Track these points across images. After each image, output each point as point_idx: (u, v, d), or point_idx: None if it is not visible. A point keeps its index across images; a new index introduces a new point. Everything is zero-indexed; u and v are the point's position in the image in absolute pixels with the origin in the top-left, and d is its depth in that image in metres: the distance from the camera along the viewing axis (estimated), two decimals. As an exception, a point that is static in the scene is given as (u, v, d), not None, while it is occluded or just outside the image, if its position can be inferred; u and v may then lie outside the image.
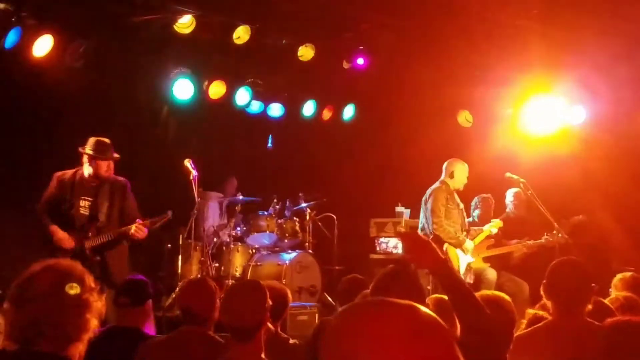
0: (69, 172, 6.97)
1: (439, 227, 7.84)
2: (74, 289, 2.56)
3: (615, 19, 8.55)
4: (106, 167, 6.91)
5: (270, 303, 3.69)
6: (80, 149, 6.89)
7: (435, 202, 7.92)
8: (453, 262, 7.76)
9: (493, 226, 8.27)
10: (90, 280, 2.67)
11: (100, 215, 6.89)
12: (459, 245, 7.90)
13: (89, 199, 6.91)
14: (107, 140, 6.94)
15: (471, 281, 8.06)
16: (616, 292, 5.09)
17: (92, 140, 6.89)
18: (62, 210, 6.84)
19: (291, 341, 4.59)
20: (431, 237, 7.45)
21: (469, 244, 7.99)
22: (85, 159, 6.88)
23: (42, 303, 2.54)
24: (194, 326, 4.17)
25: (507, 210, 8.86)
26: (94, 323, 2.64)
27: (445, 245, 7.80)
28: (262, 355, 3.54)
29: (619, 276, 5.47)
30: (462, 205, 8.19)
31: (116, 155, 6.97)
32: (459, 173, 8.10)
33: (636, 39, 8.74)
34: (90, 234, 6.83)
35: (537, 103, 10.12)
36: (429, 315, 1.41)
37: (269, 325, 4.45)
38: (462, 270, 7.85)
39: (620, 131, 9.99)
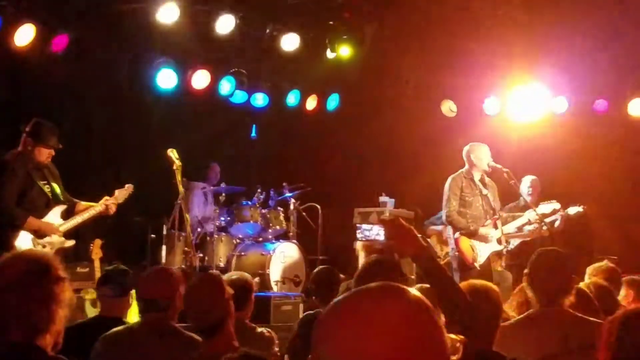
0: (13, 156, 6.52)
1: (450, 217, 7.71)
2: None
3: (594, 7, 8.61)
4: (47, 155, 6.57)
5: (231, 292, 3.73)
6: (23, 130, 6.51)
7: (447, 192, 7.76)
8: (466, 253, 7.59)
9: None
10: (58, 271, 2.62)
11: (61, 198, 6.70)
12: (472, 235, 7.68)
13: (45, 182, 6.62)
14: (51, 125, 6.57)
15: (499, 268, 7.89)
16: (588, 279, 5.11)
17: (35, 123, 6.50)
18: (27, 197, 6.47)
19: (258, 330, 4.59)
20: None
21: (487, 231, 7.66)
22: (25, 142, 6.51)
23: (7, 294, 2.52)
24: (157, 314, 4.03)
25: (523, 198, 8.63)
26: (61, 314, 2.60)
27: (457, 235, 7.65)
28: (235, 343, 3.57)
29: (594, 265, 5.50)
30: (487, 191, 7.74)
31: (57, 144, 6.57)
32: (476, 156, 7.81)
33: (615, 26, 8.79)
34: (60, 218, 6.68)
35: (521, 92, 10.15)
36: (419, 299, 1.40)
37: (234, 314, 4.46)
38: (481, 260, 7.65)
39: (601, 120, 10.06)
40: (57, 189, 6.70)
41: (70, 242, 6.73)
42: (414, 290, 1.42)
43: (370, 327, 1.34)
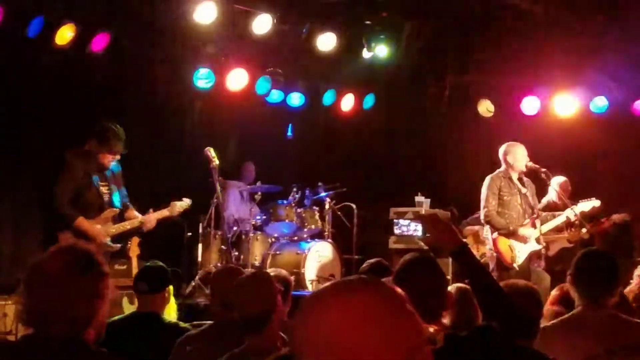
0: (79, 153, 6.66)
1: (488, 217, 7.64)
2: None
3: (635, 6, 8.49)
4: (111, 159, 6.68)
5: (281, 289, 3.70)
6: (94, 132, 6.63)
7: (485, 191, 7.70)
8: (504, 254, 7.52)
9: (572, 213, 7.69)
10: (100, 266, 2.64)
11: (117, 202, 6.81)
12: (511, 235, 7.61)
13: (105, 184, 6.73)
14: (118, 129, 6.66)
15: (538, 268, 7.83)
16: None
17: (102, 127, 6.60)
18: (82, 197, 6.57)
19: None
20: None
21: (527, 231, 7.60)
22: (91, 144, 6.63)
23: (51, 288, 2.52)
24: (232, 313, 4.07)
25: (548, 198, 8.55)
26: (104, 309, 2.62)
27: (495, 235, 7.58)
28: (279, 344, 3.51)
29: None
30: (525, 190, 7.68)
31: (123, 149, 6.70)
32: (512, 156, 7.74)
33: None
34: (110, 221, 6.78)
35: (560, 92, 10.04)
36: (391, 290, 1.44)
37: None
38: (520, 260, 7.57)
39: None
40: (117, 193, 6.78)
41: (116, 246, 6.81)
42: (393, 286, 1.44)
43: (335, 314, 1.37)
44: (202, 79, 9.44)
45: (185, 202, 7.34)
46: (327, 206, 9.63)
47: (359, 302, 1.38)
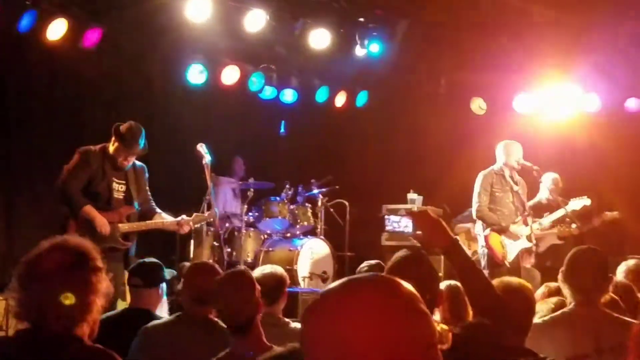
0: (96, 148, 6.62)
1: (480, 212, 7.65)
2: (68, 299, 2.50)
3: (628, 4, 8.51)
4: (125, 157, 6.62)
5: (259, 288, 3.68)
6: (115, 129, 6.59)
7: (477, 187, 7.70)
8: (496, 250, 7.54)
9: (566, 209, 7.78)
10: (95, 261, 2.63)
11: (134, 202, 6.74)
12: (503, 231, 7.63)
13: (122, 182, 6.67)
14: (139, 130, 6.60)
15: (528, 265, 7.87)
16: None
17: (125, 127, 6.57)
18: (93, 188, 6.51)
19: (292, 325, 4.57)
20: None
21: (520, 229, 7.63)
22: (113, 141, 6.61)
23: (46, 283, 2.52)
24: (199, 308, 4.08)
25: (541, 195, 8.56)
26: (98, 304, 2.61)
27: (487, 231, 7.59)
28: (264, 339, 3.53)
29: (623, 264, 5.42)
30: (517, 188, 7.70)
31: (142, 149, 6.66)
32: (506, 153, 7.75)
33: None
34: (124, 219, 6.68)
35: (552, 89, 10.05)
36: (407, 289, 1.42)
37: (268, 308, 4.41)
38: (511, 257, 7.60)
39: (634, 118, 9.93)
40: (134, 193, 6.74)
41: (127, 244, 6.70)
42: (405, 284, 1.42)
43: (348, 312, 1.35)
44: (195, 75, 9.43)
45: (208, 215, 7.34)
46: (319, 203, 9.64)
47: (375, 300, 1.36)
